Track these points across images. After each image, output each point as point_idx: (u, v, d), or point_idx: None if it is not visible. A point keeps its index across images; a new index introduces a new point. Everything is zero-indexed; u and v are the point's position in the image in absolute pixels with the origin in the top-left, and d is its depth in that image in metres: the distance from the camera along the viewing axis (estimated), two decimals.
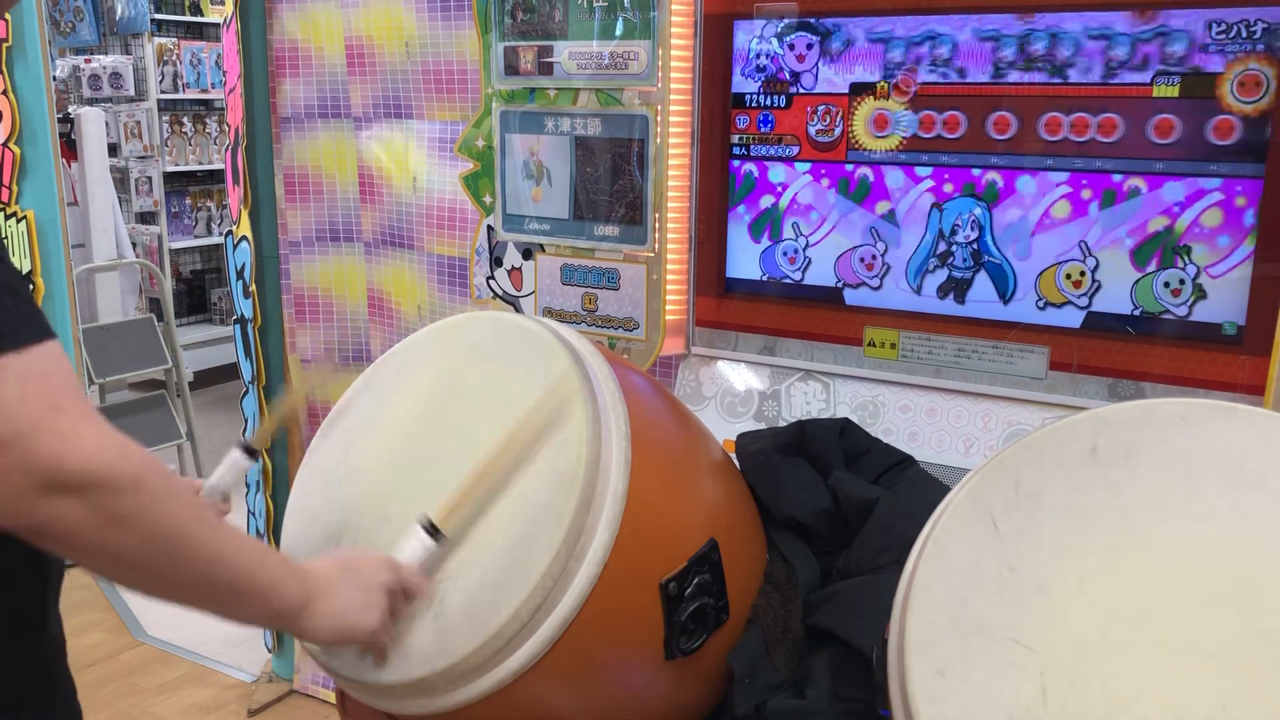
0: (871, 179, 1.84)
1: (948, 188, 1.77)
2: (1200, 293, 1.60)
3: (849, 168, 1.86)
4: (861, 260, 1.87)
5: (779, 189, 1.94)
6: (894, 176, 1.82)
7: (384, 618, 1.03)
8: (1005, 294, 1.75)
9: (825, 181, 1.89)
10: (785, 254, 1.96)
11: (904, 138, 1.80)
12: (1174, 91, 1.58)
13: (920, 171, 1.79)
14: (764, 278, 1.99)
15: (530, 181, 2.21)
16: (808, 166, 1.90)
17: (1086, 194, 1.66)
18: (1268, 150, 1.52)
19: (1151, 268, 1.63)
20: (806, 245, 1.92)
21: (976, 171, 1.74)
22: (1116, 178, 1.64)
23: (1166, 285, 1.63)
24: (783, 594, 1.26)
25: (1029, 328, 1.73)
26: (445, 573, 1.07)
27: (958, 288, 1.79)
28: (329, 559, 1.04)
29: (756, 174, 1.96)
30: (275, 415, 1.31)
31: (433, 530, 1.07)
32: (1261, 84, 1.52)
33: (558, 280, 2.23)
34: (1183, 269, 1.61)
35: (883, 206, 1.84)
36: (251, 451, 1.27)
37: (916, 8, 1.74)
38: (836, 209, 1.88)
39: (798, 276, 1.95)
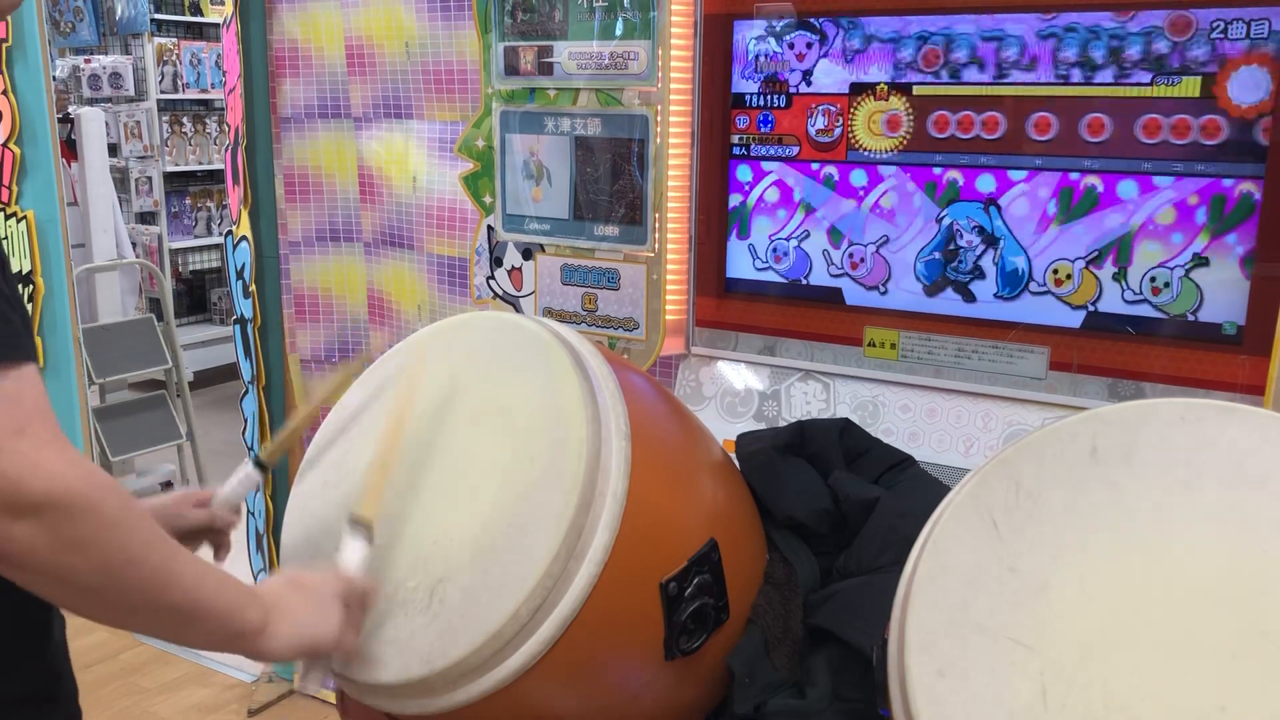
0: (871, 179, 1.84)
1: (947, 187, 1.77)
2: (1190, 293, 1.60)
3: (848, 168, 1.86)
4: (862, 260, 1.87)
5: (783, 188, 1.94)
6: (893, 176, 1.82)
7: (342, 626, 1.03)
8: (1005, 294, 1.75)
9: (824, 180, 1.89)
10: (785, 254, 1.95)
11: (904, 138, 1.80)
12: (1174, 91, 1.58)
13: (920, 171, 1.79)
14: (764, 278, 1.98)
15: (530, 181, 2.21)
16: (807, 166, 1.90)
17: (1072, 192, 1.66)
18: (1268, 150, 1.52)
19: (1147, 266, 1.63)
20: (803, 238, 1.92)
21: (975, 172, 1.74)
22: (1099, 178, 1.64)
23: (1153, 280, 1.63)
24: (783, 594, 1.26)
25: (1029, 328, 1.73)
26: (445, 572, 1.07)
27: (958, 288, 1.79)
28: (277, 579, 1.05)
29: (763, 174, 1.96)
30: (287, 432, 1.32)
31: (362, 527, 1.09)
32: (1261, 84, 1.52)
33: (558, 280, 2.23)
34: (1169, 268, 1.61)
35: (880, 205, 1.84)
36: (262, 465, 1.29)
37: (917, 7, 1.74)
38: (836, 209, 1.88)
39: (798, 276, 1.95)
